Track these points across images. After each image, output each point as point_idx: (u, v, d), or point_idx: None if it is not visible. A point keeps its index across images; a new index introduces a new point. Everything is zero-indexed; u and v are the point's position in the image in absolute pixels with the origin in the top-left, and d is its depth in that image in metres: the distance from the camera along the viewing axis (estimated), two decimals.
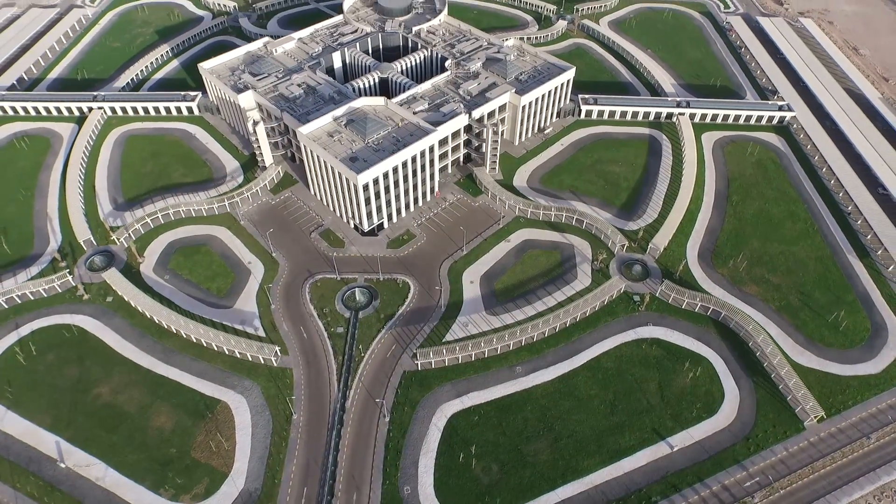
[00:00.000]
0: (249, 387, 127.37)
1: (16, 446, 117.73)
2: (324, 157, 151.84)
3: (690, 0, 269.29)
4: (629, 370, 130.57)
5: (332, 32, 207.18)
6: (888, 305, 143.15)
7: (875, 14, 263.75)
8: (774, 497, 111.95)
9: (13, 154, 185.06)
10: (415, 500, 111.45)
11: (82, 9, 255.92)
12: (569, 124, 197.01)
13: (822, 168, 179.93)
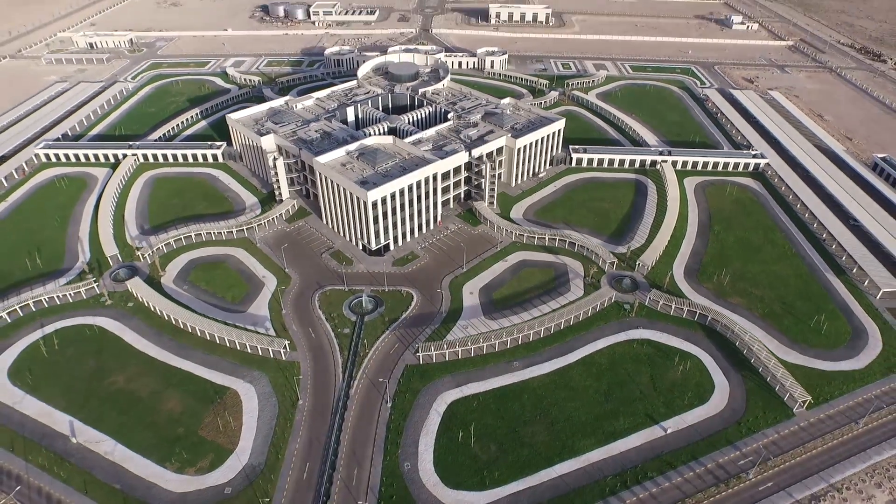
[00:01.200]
0: (258, 377, 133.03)
1: (30, 424, 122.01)
2: (336, 180, 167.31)
3: (670, 78, 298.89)
4: (622, 365, 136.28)
5: (347, 93, 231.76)
6: (867, 313, 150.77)
7: (835, 90, 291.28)
8: (769, 473, 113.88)
9: (53, 191, 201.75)
10: (415, 474, 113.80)
11: (124, 83, 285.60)
12: (561, 171, 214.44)
13: (796, 205, 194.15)
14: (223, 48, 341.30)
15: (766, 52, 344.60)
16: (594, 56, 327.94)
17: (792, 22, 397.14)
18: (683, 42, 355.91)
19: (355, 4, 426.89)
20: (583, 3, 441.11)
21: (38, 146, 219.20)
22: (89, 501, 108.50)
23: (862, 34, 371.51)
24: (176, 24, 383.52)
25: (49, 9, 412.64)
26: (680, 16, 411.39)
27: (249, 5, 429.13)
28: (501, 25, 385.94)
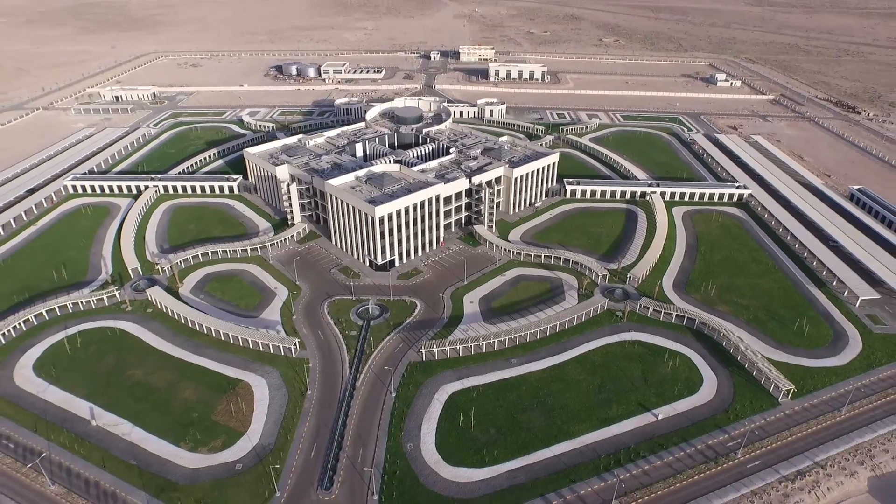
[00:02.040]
0: (269, 371, 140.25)
1: (53, 410, 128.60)
2: (346, 200, 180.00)
3: (659, 125, 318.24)
4: (614, 362, 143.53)
5: (356, 133, 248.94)
6: (847, 319, 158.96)
7: (814, 136, 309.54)
8: (756, 454, 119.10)
9: (78, 218, 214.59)
10: (417, 454, 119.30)
11: (146, 128, 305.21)
12: (556, 201, 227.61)
13: (778, 229, 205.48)
14: (239, 100, 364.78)
15: (749, 104, 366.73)
16: (587, 108, 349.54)
17: (773, 80, 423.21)
18: (671, 96, 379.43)
19: (363, 65, 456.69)
20: (576, 63, 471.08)
21: (66, 179, 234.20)
22: (107, 475, 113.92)
23: (838, 90, 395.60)
24: (195, 81, 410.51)
25: (78, 69, 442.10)
26: (668, 75, 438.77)
27: (264, 66, 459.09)
28: (500, 82, 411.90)
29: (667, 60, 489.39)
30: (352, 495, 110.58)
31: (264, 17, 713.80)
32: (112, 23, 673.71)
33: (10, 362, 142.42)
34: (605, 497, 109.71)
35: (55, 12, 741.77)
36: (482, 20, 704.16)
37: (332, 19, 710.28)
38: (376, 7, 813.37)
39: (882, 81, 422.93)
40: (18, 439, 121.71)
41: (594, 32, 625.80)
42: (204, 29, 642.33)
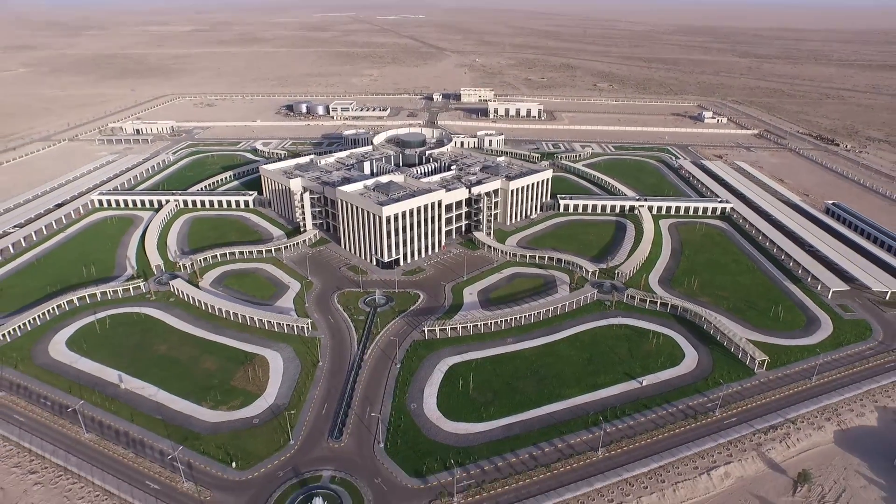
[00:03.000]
0: (283, 347, 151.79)
1: (85, 377, 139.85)
2: (355, 203, 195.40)
3: (648, 154, 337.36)
4: (602, 341, 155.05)
5: (364, 154, 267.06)
6: (820, 308, 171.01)
7: (795, 163, 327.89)
8: (733, 412, 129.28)
9: (104, 226, 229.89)
10: (420, 411, 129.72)
11: (165, 154, 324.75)
12: (550, 214, 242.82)
13: (758, 237, 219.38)
14: (252, 133, 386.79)
15: (734, 138, 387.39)
16: (581, 140, 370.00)
17: (757, 118, 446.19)
18: (660, 131, 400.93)
19: (369, 104, 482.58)
20: (572, 104, 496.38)
21: (92, 194, 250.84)
22: (135, 427, 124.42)
23: (818, 127, 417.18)
24: (211, 118, 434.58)
25: (100, 108, 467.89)
26: (658, 114, 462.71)
27: (275, 105, 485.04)
28: (499, 119, 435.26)
29: (657, 102, 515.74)
30: (359, 444, 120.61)
31: (274, 67, 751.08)
32: (131, 71, 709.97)
33: (45, 339, 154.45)
34: (593, 446, 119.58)
35: (77, 63, 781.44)
36: (482, 69, 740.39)
37: (340, 68, 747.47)
38: (381, 58, 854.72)
39: (860, 119, 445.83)
40: (55, 398, 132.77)
41: (589, 79, 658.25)
42: (217, 76, 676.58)
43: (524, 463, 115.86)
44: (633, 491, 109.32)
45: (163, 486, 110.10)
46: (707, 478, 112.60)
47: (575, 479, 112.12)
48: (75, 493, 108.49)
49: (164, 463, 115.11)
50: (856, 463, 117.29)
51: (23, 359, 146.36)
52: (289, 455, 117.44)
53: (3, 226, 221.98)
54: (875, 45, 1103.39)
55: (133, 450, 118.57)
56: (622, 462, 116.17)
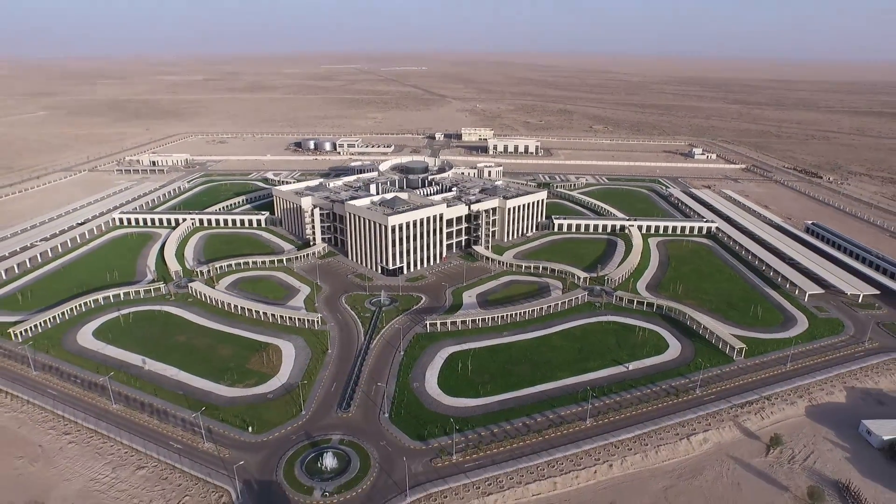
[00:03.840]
0: (295, 338, 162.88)
1: (111, 360, 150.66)
2: (363, 215, 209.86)
3: (640, 184, 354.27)
4: (592, 334, 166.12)
5: (370, 179, 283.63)
6: (797, 308, 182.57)
7: (779, 192, 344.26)
8: (712, 391, 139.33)
9: (124, 241, 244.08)
10: (422, 388, 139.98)
11: (181, 182, 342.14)
12: (545, 233, 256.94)
13: (741, 252, 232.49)
14: (263, 166, 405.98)
15: (723, 171, 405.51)
16: (576, 173, 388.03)
17: (746, 155, 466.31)
18: (652, 165, 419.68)
19: (374, 142, 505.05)
20: (568, 143, 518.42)
21: (113, 213, 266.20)
22: (159, 400, 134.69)
23: (803, 162, 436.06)
24: (223, 153, 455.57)
25: (117, 145, 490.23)
26: (650, 151, 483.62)
27: (284, 143, 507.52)
28: (498, 155, 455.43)
29: (650, 141, 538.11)
30: (366, 414, 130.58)
31: (283, 111, 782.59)
32: (145, 114, 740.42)
33: (73, 331, 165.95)
34: (582, 417, 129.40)
35: (94, 107, 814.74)
36: (483, 113, 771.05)
37: (345, 111, 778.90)
38: (385, 103, 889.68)
39: (843, 157, 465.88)
40: (84, 377, 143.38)
41: (585, 122, 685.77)
42: (228, 118, 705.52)
43: (518, 430, 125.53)
44: (618, 452, 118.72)
45: (185, 446, 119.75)
46: (686, 442, 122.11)
47: (565, 442, 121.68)
48: (105, 450, 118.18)
49: (186, 428, 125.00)
50: (824, 431, 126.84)
51: (53, 345, 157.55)
52: (301, 423, 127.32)
53: (29, 239, 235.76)
54: (861, 94, 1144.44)
55: (157, 418, 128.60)
56: (609, 429, 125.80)
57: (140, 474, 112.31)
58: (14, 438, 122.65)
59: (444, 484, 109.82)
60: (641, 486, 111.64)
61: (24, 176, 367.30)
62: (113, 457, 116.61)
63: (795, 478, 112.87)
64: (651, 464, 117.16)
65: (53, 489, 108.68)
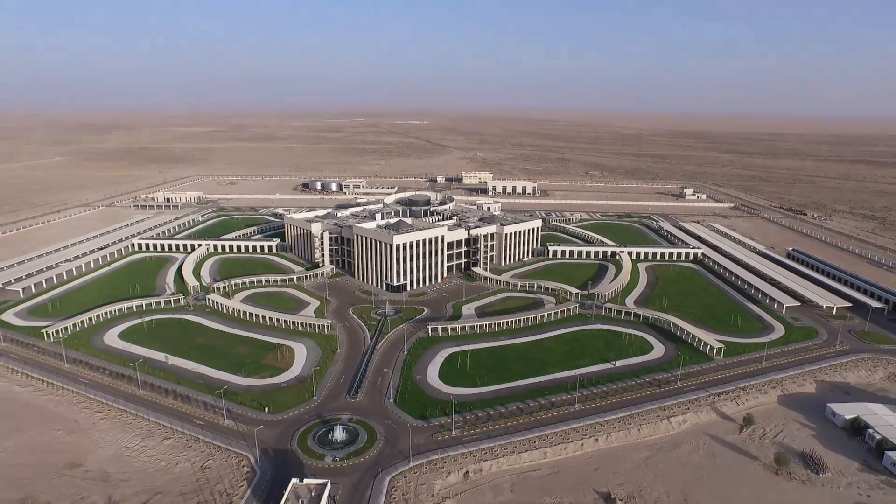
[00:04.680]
0: (306, 340, 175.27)
1: (135, 357, 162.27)
2: (370, 236, 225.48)
3: (632, 220, 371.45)
4: (582, 339, 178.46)
5: (375, 209, 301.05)
6: (774, 318, 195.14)
7: (765, 226, 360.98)
8: (692, 383, 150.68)
9: (143, 263, 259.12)
10: (424, 380, 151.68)
11: (194, 215, 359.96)
12: (540, 259, 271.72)
13: (725, 274, 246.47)
14: (272, 203, 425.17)
15: (712, 210, 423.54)
16: (572, 210, 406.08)
17: (735, 196, 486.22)
18: (644, 204, 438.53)
19: (378, 183, 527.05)
20: (564, 185, 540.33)
21: (132, 239, 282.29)
22: (181, 387, 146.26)
23: (790, 202, 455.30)
24: (234, 192, 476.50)
25: (133, 185, 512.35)
26: (643, 193, 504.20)
27: (292, 184, 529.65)
28: (497, 195, 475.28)
29: (643, 184, 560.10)
30: (372, 400, 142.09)
31: (290, 158, 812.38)
32: (157, 159, 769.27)
33: (100, 333, 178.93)
34: (570, 402, 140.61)
35: (108, 153, 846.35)
36: (483, 160, 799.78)
37: (350, 158, 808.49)
38: (388, 152, 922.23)
39: (828, 198, 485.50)
40: (112, 368, 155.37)
41: (582, 168, 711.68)
42: (237, 164, 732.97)
43: (511, 412, 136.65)
44: (603, 430, 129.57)
45: (207, 423, 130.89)
46: (667, 422, 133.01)
47: (554, 421, 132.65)
48: (134, 425, 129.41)
49: (207, 409, 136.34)
50: (794, 415, 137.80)
51: (82, 345, 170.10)
52: (312, 406, 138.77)
53: (53, 261, 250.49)
54: (848, 145, 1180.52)
55: (180, 401, 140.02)
56: (595, 412, 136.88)
57: (166, 444, 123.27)
58: (52, 415, 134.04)
59: (444, 453, 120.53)
60: (624, 456, 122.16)
61: (46, 210, 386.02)
62: (141, 430, 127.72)
63: (765, 450, 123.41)
64: (633, 439, 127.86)
65: (89, 454, 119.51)
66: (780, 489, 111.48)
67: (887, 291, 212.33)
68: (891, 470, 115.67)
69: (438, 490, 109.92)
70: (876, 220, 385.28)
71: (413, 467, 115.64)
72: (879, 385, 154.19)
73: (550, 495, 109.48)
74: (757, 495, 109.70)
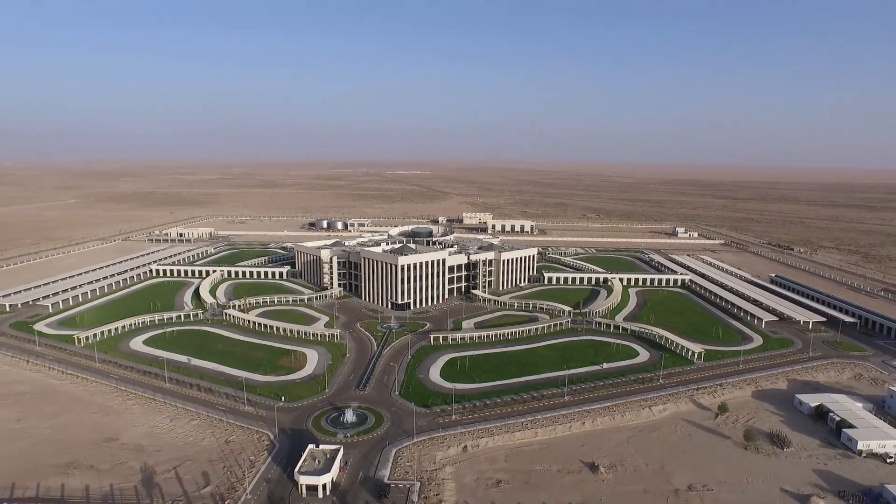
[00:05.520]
0: (317, 347, 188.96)
1: (160, 359, 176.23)
2: (376, 258, 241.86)
3: (625, 254, 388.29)
4: (574, 347, 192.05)
5: (380, 240, 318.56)
6: (753, 331, 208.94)
7: (753, 260, 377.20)
8: (673, 381, 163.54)
9: (162, 286, 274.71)
10: (426, 378, 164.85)
11: (207, 247, 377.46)
12: (536, 285, 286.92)
13: (710, 296, 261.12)
14: (281, 239, 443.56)
15: (703, 246, 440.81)
16: (567, 246, 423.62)
17: (726, 234, 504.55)
18: (638, 241, 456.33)
19: (382, 222, 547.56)
20: (560, 224, 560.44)
21: (151, 265, 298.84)
22: (204, 382, 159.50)
23: (778, 239, 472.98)
24: (243, 230, 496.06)
25: (146, 222, 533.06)
26: (637, 231, 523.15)
27: (298, 224, 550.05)
28: (496, 234, 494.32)
29: (638, 225, 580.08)
30: (380, 392, 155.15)
31: (296, 201, 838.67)
32: (167, 202, 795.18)
33: (126, 340, 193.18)
34: (560, 395, 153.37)
35: (119, 197, 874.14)
36: (483, 204, 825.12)
37: (354, 202, 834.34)
38: (391, 198, 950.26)
39: (815, 236, 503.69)
40: (139, 367, 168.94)
41: (579, 211, 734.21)
42: (245, 206, 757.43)
43: (506, 403, 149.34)
44: (590, 415, 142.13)
45: (229, 409, 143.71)
46: (648, 410, 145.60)
47: (546, 409, 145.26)
48: (163, 410, 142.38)
49: (229, 398, 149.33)
50: (765, 405, 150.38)
51: (110, 349, 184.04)
52: (325, 396, 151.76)
53: (77, 282, 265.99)
54: (840, 192, 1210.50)
55: (204, 392, 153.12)
56: (583, 403, 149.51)
57: (193, 423, 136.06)
58: (88, 402, 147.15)
59: (444, 431, 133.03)
60: (608, 436, 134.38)
61: (65, 242, 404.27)
62: (169, 413, 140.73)
63: (737, 431, 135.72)
64: (617, 423, 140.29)
65: (124, 431, 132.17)
66: (748, 460, 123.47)
67: (859, 308, 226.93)
68: (847, 444, 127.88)
69: (439, 459, 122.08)
70: (860, 255, 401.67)
71: (416, 442, 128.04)
72: (846, 383, 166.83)
73: (540, 464, 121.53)
74: (726, 465, 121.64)
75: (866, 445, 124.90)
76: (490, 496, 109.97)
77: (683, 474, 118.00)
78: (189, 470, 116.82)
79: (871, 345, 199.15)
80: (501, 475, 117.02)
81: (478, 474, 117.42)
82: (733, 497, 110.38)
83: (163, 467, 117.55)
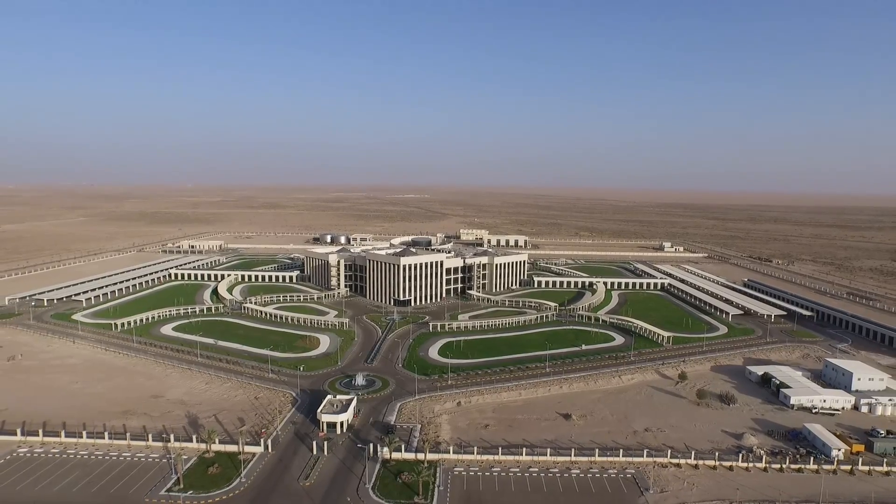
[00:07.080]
0: (329, 333, 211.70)
1: (190, 341, 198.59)
2: (380, 259, 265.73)
3: (612, 264, 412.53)
4: (558, 334, 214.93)
5: (383, 247, 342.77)
6: (720, 322, 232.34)
7: (732, 270, 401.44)
8: (643, 358, 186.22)
9: (181, 287, 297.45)
10: (426, 355, 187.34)
11: (218, 257, 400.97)
12: (527, 288, 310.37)
13: (686, 297, 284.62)
14: (288, 251, 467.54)
15: (687, 259, 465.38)
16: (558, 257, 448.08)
17: (710, 249, 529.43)
18: (626, 254, 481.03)
19: (383, 238, 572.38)
20: (552, 240, 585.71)
21: (170, 269, 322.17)
22: (232, 357, 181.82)
23: (760, 253, 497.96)
24: (251, 243, 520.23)
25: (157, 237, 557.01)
26: (626, 247, 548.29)
27: (303, 239, 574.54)
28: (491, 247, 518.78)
29: (627, 241, 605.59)
30: (385, 365, 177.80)
31: (299, 220, 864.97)
32: (174, 221, 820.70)
33: (157, 327, 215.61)
34: (542, 368, 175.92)
35: (127, 216, 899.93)
36: (480, 224, 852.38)
37: (355, 222, 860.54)
38: (391, 218, 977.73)
39: (796, 251, 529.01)
40: (172, 346, 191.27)
41: (573, 230, 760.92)
42: (250, 224, 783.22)
43: (496, 373, 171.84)
44: (567, 382, 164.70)
45: (255, 376, 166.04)
46: (619, 379, 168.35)
47: (530, 377, 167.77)
48: (198, 377, 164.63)
49: (254, 369, 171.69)
50: (721, 376, 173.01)
51: (144, 333, 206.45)
52: (338, 368, 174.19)
53: (103, 283, 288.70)
54: (829, 214, 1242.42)
55: (232, 364, 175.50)
56: (562, 373, 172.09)
57: (225, 386, 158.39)
58: (132, 371, 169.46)
59: (441, 392, 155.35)
60: (582, 396, 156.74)
61: (83, 253, 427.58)
62: (203, 378, 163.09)
63: (692, 393, 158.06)
64: (591, 388, 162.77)
65: (167, 391, 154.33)
66: (699, 412, 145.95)
67: (816, 304, 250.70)
68: (783, 401, 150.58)
69: (437, 411, 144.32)
70: (834, 266, 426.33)
71: (418, 399, 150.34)
72: (794, 361, 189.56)
73: (522, 414, 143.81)
74: (679, 415, 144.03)
75: (798, 400, 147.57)
76: (479, 435, 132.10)
77: (642, 421, 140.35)
78: (226, 417, 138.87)
79: (823, 333, 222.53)
80: (489, 421, 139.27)
81: (469, 420, 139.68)
82: (682, 435, 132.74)
83: (204, 414, 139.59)
